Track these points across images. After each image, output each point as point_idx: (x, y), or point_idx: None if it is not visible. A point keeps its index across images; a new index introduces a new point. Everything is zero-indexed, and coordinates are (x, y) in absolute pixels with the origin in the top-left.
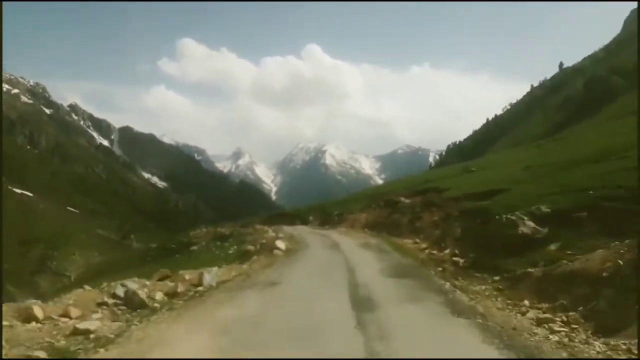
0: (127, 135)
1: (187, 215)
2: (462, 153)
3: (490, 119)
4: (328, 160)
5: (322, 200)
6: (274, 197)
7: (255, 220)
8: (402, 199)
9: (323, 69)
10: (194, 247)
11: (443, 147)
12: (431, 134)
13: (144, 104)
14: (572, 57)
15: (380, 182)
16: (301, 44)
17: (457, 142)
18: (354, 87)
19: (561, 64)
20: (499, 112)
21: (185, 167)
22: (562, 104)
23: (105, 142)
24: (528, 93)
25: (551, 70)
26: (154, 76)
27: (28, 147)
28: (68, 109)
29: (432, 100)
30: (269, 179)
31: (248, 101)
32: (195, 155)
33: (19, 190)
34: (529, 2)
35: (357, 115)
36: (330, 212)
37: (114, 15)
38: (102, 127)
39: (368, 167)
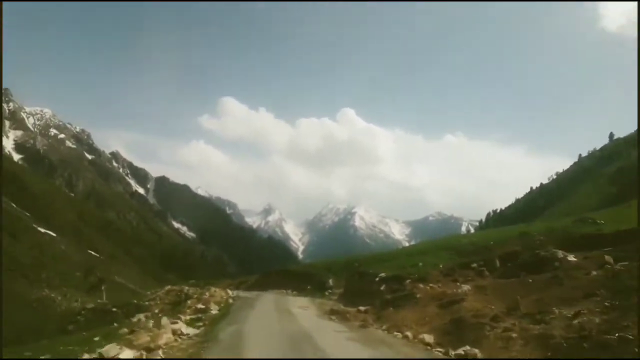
0: (163, 184)
1: (211, 267)
2: (502, 221)
3: (534, 187)
4: (357, 222)
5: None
6: (300, 256)
7: (250, 279)
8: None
9: (356, 132)
10: (137, 317)
11: (476, 216)
12: (464, 202)
13: (183, 156)
14: (621, 129)
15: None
16: (336, 107)
17: (498, 210)
18: (386, 151)
19: (611, 135)
20: (537, 183)
21: (216, 219)
22: (616, 174)
23: (141, 190)
24: (576, 163)
25: (590, 144)
26: (194, 131)
27: (65, 190)
28: (110, 156)
29: (465, 169)
30: (297, 237)
31: (282, 159)
32: (227, 208)
33: (43, 230)
34: (571, 78)
35: (389, 179)
36: (365, 272)
37: (165, 70)
38: (140, 175)
39: (397, 232)
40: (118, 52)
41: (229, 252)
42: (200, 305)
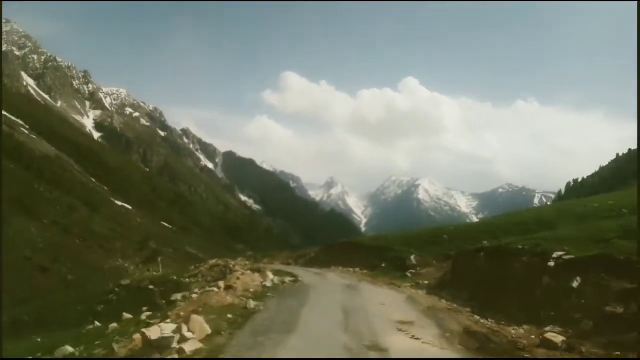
0: (230, 159)
1: (276, 238)
2: (584, 191)
3: (621, 154)
4: (421, 195)
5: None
6: (363, 229)
7: (311, 251)
8: None
9: (420, 102)
10: (176, 296)
11: (551, 188)
12: (536, 173)
13: (247, 131)
14: None
15: (476, 221)
16: (398, 77)
17: (580, 179)
18: (451, 121)
19: None
20: (617, 151)
21: (280, 192)
22: None
23: (210, 165)
24: None
25: None
26: (258, 106)
27: (141, 164)
28: (180, 132)
29: (538, 138)
30: (359, 210)
31: (344, 132)
32: (291, 182)
33: (119, 203)
34: None
35: (454, 151)
36: (507, 249)
37: (229, 48)
38: (209, 151)
39: (464, 205)
40: (185, 33)
41: (293, 225)
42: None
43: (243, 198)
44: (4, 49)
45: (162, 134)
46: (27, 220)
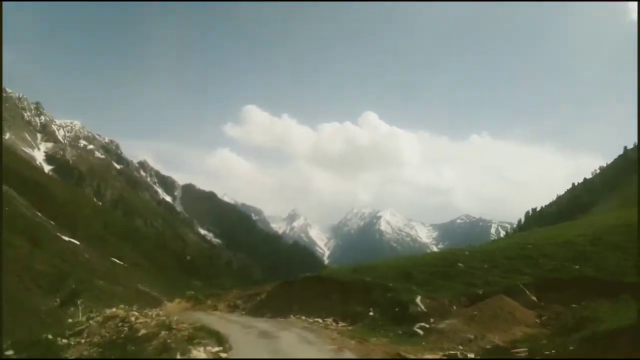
0: (190, 192)
1: (237, 273)
2: (542, 220)
3: (576, 183)
4: (383, 226)
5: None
6: (326, 261)
7: (262, 290)
8: None
9: (379, 136)
10: None
11: (506, 219)
12: (492, 204)
13: (208, 164)
14: None
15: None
16: (358, 111)
17: (538, 209)
18: (410, 153)
19: None
20: (568, 184)
21: (242, 225)
22: None
23: (169, 198)
24: (620, 156)
25: (622, 140)
26: (219, 139)
27: (94, 199)
28: (137, 165)
29: (492, 170)
30: (322, 242)
31: (306, 165)
32: (253, 215)
33: (67, 238)
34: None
35: (414, 183)
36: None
37: (189, 81)
38: (167, 183)
39: (425, 235)
40: (143, 64)
41: (255, 259)
42: None
43: (202, 232)
44: None
45: (118, 166)
46: None
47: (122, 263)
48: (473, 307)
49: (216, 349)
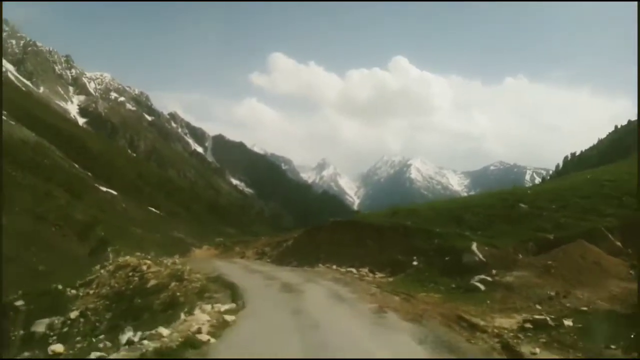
0: (220, 143)
1: (268, 221)
2: (582, 165)
3: (620, 126)
4: (413, 174)
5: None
6: (356, 209)
7: (289, 237)
8: None
9: (410, 81)
10: (41, 323)
11: (540, 164)
12: (527, 150)
13: (236, 114)
14: None
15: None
16: (388, 56)
17: (577, 153)
18: (441, 99)
19: None
20: (608, 128)
21: (272, 175)
22: None
23: (200, 149)
24: None
25: None
26: (246, 89)
27: (128, 150)
28: (168, 117)
29: (527, 114)
30: (352, 191)
31: (334, 113)
32: (282, 164)
33: (104, 188)
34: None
35: (445, 129)
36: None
37: (214, 30)
38: (198, 135)
39: (456, 183)
40: (170, 16)
41: (285, 207)
42: None
43: (234, 182)
44: None
45: (149, 118)
46: None
47: (157, 212)
48: (546, 256)
49: (226, 306)
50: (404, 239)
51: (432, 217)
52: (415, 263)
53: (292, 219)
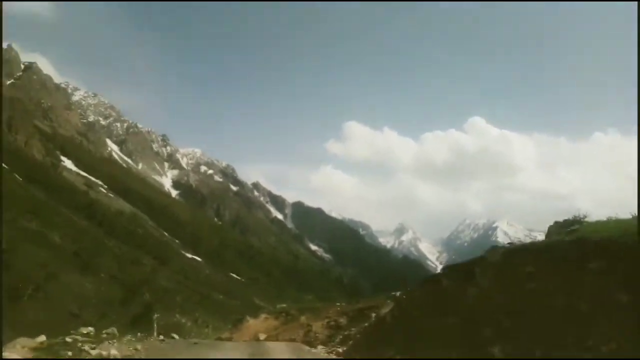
0: (299, 209)
1: (347, 287)
2: None
3: None
4: (500, 237)
5: None
6: None
7: (377, 303)
8: None
9: (488, 141)
10: None
11: None
12: (625, 207)
13: (314, 181)
14: None
15: None
16: (463, 118)
17: None
18: (524, 158)
19: None
20: None
21: (350, 240)
22: None
23: (280, 216)
24: None
25: None
26: (322, 156)
27: (215, 219)
28: (251, 186)
29: (622, 169)
30: (433, 256)
31: (410, 177)
32: (360, 230)
33: (190, 255)
34: None
35: (530, 189)
36: None
37: (292, 101)
38: (278, 202)
39: None
40: (249, 94)
41: (364, 273)
42: None
43: (313, 247)
44: (92, 119)
45: (234, 188)
46: (83, 276)
47: (239, 278)
48: None
49: None
50: None
51: None
52: None
53: (371, 285)
